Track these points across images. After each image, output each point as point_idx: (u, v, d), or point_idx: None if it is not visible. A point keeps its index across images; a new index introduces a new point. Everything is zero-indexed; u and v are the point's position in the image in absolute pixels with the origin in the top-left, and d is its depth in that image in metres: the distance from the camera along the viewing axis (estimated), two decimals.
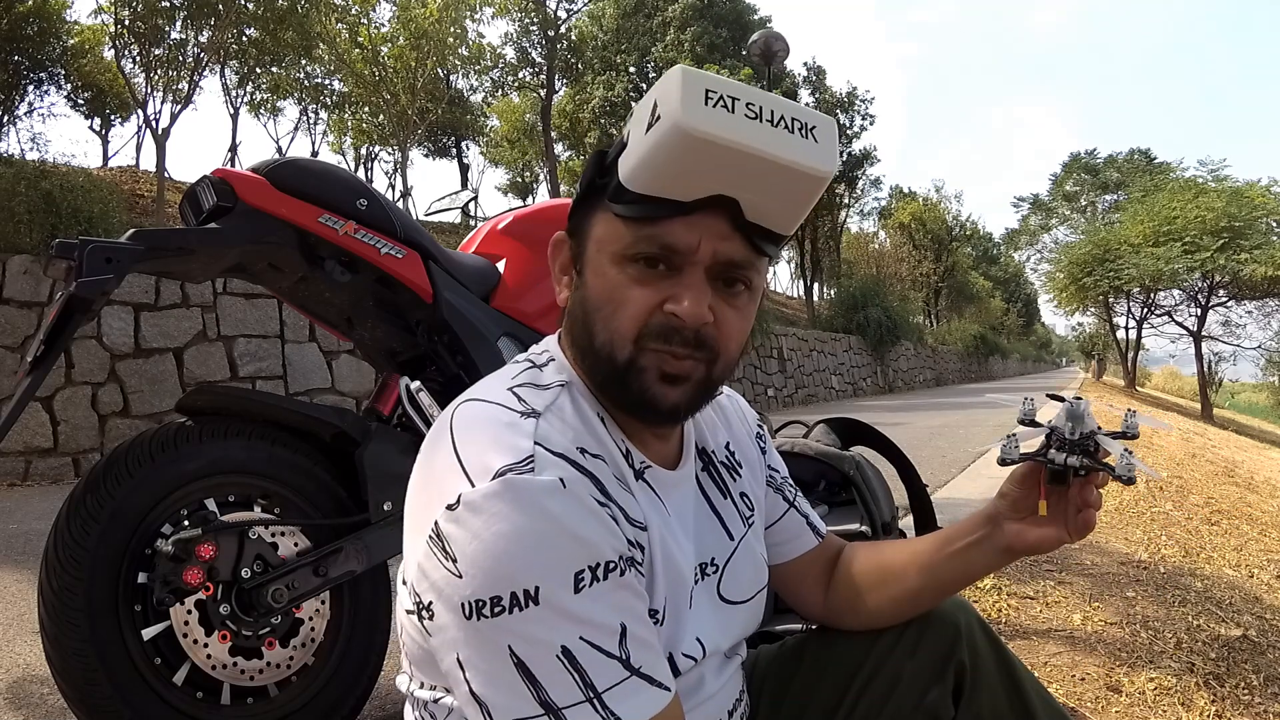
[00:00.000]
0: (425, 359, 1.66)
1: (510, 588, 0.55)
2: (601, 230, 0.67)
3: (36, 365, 1.24)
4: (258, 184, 1.41)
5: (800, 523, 0.88)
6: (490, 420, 0.63)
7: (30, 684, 1.85)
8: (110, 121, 15.32)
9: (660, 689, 0.58)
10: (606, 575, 0.57)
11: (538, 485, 0.57)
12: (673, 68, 0.63)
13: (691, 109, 0.59)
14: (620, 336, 0.65)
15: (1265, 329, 17.66)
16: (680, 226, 0.63)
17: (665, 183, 0.62)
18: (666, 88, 0.61)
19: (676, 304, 0.64)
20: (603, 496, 0.61)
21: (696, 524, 0.75)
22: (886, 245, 33.39)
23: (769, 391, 13.19)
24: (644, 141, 0.62)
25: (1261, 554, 3.08)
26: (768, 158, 0.62)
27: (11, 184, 5.65)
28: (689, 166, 0.61)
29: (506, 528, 0.56)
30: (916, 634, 0.80)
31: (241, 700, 1.34)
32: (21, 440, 5.06)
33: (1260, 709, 1.67)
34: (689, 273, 0.65)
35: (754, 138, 0.61)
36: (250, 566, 1.33)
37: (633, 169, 0.63)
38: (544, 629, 0.55)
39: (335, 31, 12.89)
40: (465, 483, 0.58)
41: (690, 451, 0.77)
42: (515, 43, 20.90)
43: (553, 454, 0.60)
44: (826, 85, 23.23)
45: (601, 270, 0.67)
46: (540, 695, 0.55)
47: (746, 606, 0.78)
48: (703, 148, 0.60)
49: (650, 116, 0.61)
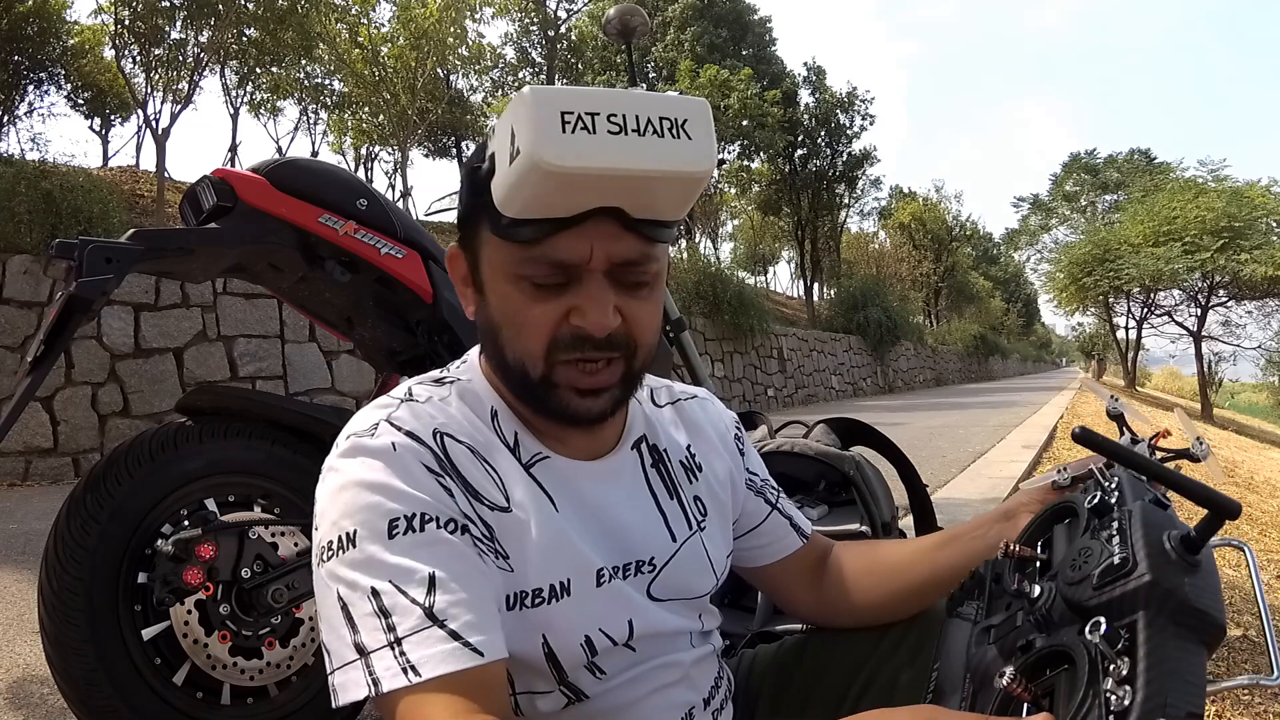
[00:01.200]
0: (425, 359, 1.66)
1: (338, 532, 0.60)
2: (490, 250, 0.66)
3: (36, 365, 1.24)
4: (258, 184, 1.41)
5: (784, 525, 0.87)
6: (370, 405, 0.70)
7: (30, 684, 1.85)
8: (110, 121, 15.31)
9: (469, 650, 0.56)
10: (423, 527, 0.60)
11: (371, 445, 0.63)
12: (521, 90, 0.59)
13: (547, 142, 0.56)
14: (530, 355, 0.66)
15: (1265, 329, 17.70)
16: (568, 240, 0.61)
17: (541, 206, 0.60)
18: (519, 115, 0.58)
19: (581, 317, 0.63)
20: (438, 469, 0.64)
21: (631, 518, 0.72)
22: (886, 245, 33.40)
23: (769, 391, 13.19)
24: (508, 174, 0.59)
25: (1261, 554, 3.07)
26: (640, 174, 0.59)
27: (11, 184, 5.65)
28: (559, 194, 0.59)
29: (340, 479, 0.62)
30: (918, 637, 0.79)
31: (241, 700, 1.34)
32: (21, 440, 5.06)
33: (1260, 709, 1.67)
34: (587, 281, 0.63)
35: (621, 157, 0.58)
36: (250, 566, 1.33)
37: (503, 199, 0.61)
38: (359, 571, 0.58)
39: (335, 31, 12.88)
40: (333, 450, 0.66)
41: (626, 443, 0.76)
42: (515, 43, 20.93)
43: (397, 429, 0.65)
44: (826, 85, 23.22)
45: (498, 289, 0.66)
46: (354, 638, 0.57)
47: (685, 603, 0.76)
48: (569, 178, 0.57)
49: (510, 147, 0.58)
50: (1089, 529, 0.55)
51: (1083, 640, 0.46)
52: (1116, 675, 0.42)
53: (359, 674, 0.57)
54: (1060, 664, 0.48)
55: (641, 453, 0.77)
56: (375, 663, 0.56)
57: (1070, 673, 0.46)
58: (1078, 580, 0.50)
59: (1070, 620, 0.49)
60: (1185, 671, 0.42)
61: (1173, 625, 0.44)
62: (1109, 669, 0.43)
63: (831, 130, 22.98)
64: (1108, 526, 0.52)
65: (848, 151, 23.54)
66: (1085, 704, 0.42)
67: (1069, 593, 0.50)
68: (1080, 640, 0.46)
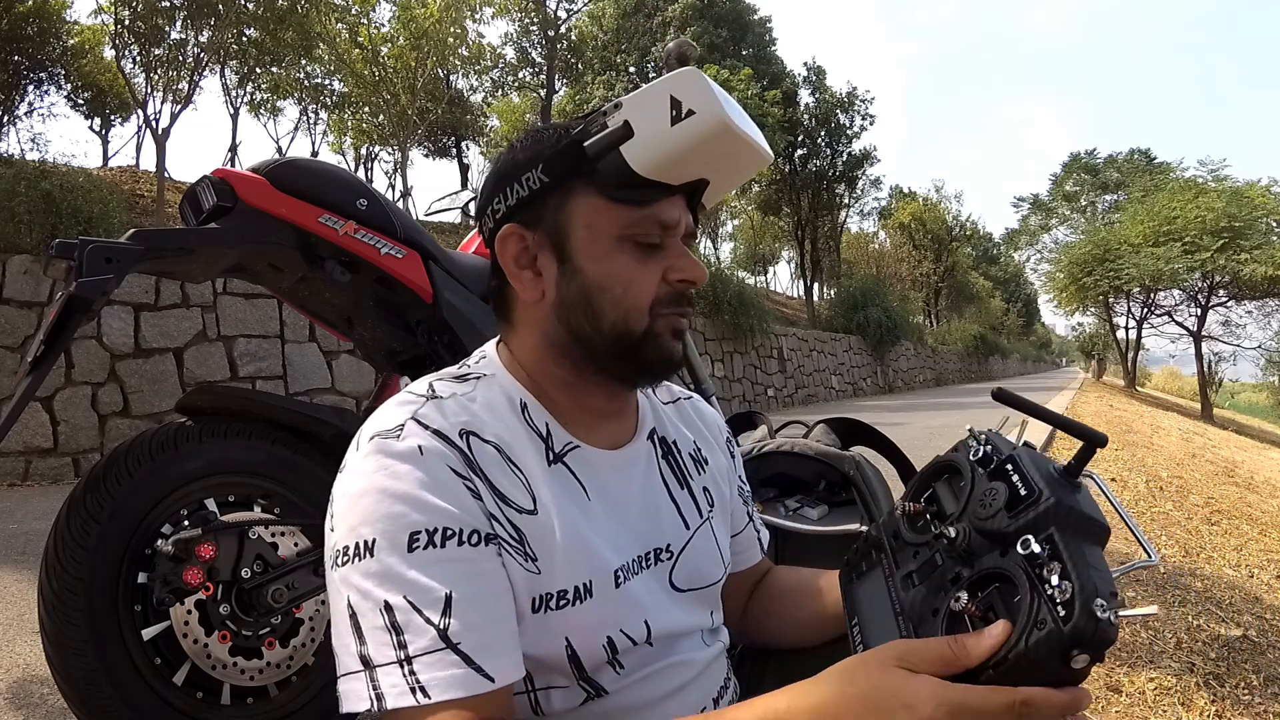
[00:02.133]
0: (425, 359, 1.66)
1: (355, 538, 0.59)
2: (590, 215, 0.70)
3: (36, 365, 1.24)
4: (258, 184, 1.41)
5: (752, 538, 0.91)
6: (392, 402, 0.68)
7: (30, 684, 1.85)
8: (110, 121, 15.31)
9: (480, 675, 0.57)
10: (444, 543, 0.59)
11: (396, 448, 0.62)
12: (681, 69, 0.71)
13: (727, 108, 0.70)
14: (636, 310, 0.70)
15: (1265, 329, 17.69)
16: (669, 205, 0.71)
17: (674, 169, 0.69)
18: (689, 86, 0.70)
19: (686, 272, 0.71)
20: (466, 470, 0.63)
21: (646, 508, 0.75)
22: (886, 245, 33.38)
23: (769, 391, 13.18)
24: (670, 133, 0.68)
25: (1261, 554, 3.08)
26: (754, 145, 0.74)
27: (11, 184, 5.65)
28: (702, 153, 0.70)
29: (364, 483, 0.61)
30: None
31: (241, 700, 1.34)
32: (21, 440, 5.05)
33: (1260, 709, 1.67)
34: (674, 244, 0.72)
35: (749, 128, 0.74)
36: (250, 566, 1.33)
37: (656, 159, 0.68)
38: (374, 581, 0.58)
39: (335, 31, 12.88)
40: (352, 449, 0.65)
41: (642, 434, 0.78)
42: (515, 43, 20.92)
43: (424, 428, 0.64)
44: (826, 85, 23.20)
45: (599, 254, 0.70)
46: (360, 649, 0.57)
47: (702, 594, 0.78)
48: (727, 139, 0.70)
49: (673, 111, 0.68)
50: (975, 477, 0.64)
51: (1013, 558, 0.56)
52: (1050, 576, 0.52)
53: (361, 686, 0.57)
54: (990, 584, 0.57)
55: (654, 444, 0.79)
56: (381, 678, 0.56)
57: (1003, 589, 0.56)
58: (991, 515, 0.59)
59: (988, 549, 0.59)
60: (1098, 564, 0.54)
61: (1078, 533, 0.56)
62: (1044, 574, 0.53)
63: (831, 130, 22.97)
64: (1001, 471, 0.62)
65: (848, 151, 23.52)
66: (1035, 604, 0.52)
67: (987, 525, 0.59)
68: (1011, 560, 0.56)
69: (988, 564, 0.58)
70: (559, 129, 0.72)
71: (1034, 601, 0.52)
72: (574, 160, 0.69)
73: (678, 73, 0.70)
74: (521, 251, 0.72)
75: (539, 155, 0.71)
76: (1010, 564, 0.56)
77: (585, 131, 0.70)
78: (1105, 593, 0.51)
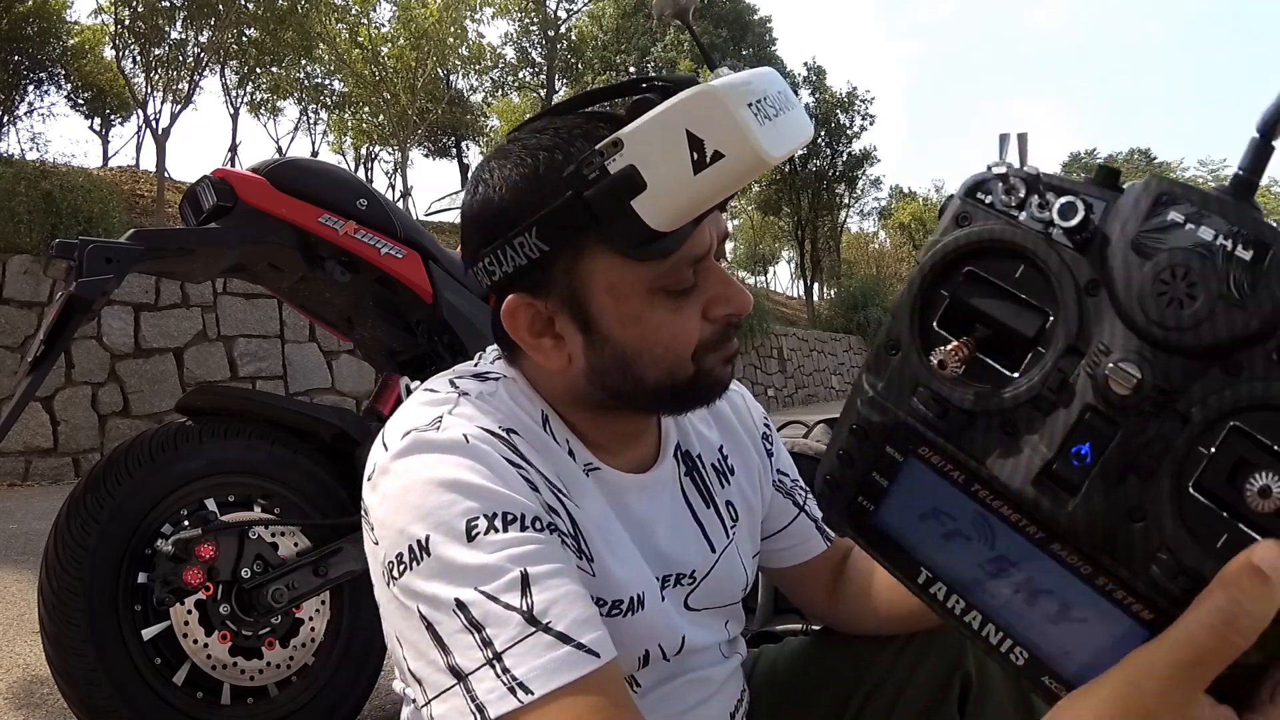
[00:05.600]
0: (425, 359, 1.66)
1: (407, 541, 0.52)
2: (610, 277, 0.59)
3: (36, 365, 1.24)
4: (258, 184, 1.41)
5: (809, 527, 0.84)
6: (416, 401, 0.62)
7: (30, 684, 1.85)
8: (110, 121, 15.32)
9: (584, 652, 0.49)
10: (506, 528, 0.52)
11: (438, 440, 0.56)
12: (699, 90, 0.53)
13: (763, 139, 0.53)
14: (680, 361, 0.62)
15: None
16: (699, 235, 0.59)
17: (701, 208, 0.55)
18: (708, 116, 0.52)
19: (728, 305, 0.62)
20: (517, 458, 0.58)
21: (674, 533, 0.70)
22: (886, 245, 33.41)
23: (769, 391, 13.20)
24: (695, 182, 0.53)
25: None
26: (803, 145, 0.60)
27: (11, 184, 5.65)
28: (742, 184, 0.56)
29: (405, 480, 0.55)
30: (922, 644, 0.79)
31: (241, 700, 1.34)
32: (21, 440, 5.05)
33: None
34: (708, 270, 0.61)
35: (797, 135, 0.57)
36: (250, 566, 1.33)
37: (681, 211, 0.54)
38: (439, 582, 0.51)
39: (335, 31, 12.89)
40: (381, 452, 0.58)
41: (668, 453, 0.73)
42: (515, 43, 20.94)
43: (465, 420, 0.58)
44: (826, 85, 23.23)
45: (631, 317, 0.60)
46: (448, 660, 0.49)
47: (719, 610, 0.75)
48: (770, 164, 0.54)
49: (694, 154, 0.52)
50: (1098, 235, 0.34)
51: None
52: None
53: (460, 701, 0.48)
54: None
55: (678, 460, 0.74)
56: (475, 685, 0.48)
57: None
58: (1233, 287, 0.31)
59: (1202, 371, 0.31)
60: None
61: None
62: None
63: (831, 130, 23.00)
64: None
65: (848, 151, 23.56)
66: None
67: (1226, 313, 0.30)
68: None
69: (1261, 393, 0.30)
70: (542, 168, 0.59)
71: None
72: (576, 218, 0.56)
73: (689, 96, 0.53)
74: (534, 319, 0.62)
75: (527, 211, 0.58)
76: None
77: (580, 177, 0.55)
78: None
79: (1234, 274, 0.30)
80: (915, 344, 0.36)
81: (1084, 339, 0.33)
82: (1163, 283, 0.31)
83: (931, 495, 0.36)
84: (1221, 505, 0.30)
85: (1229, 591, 0.28)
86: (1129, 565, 0.32)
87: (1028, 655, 0.35)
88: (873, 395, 0.37)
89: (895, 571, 0.38)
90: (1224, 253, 0.31)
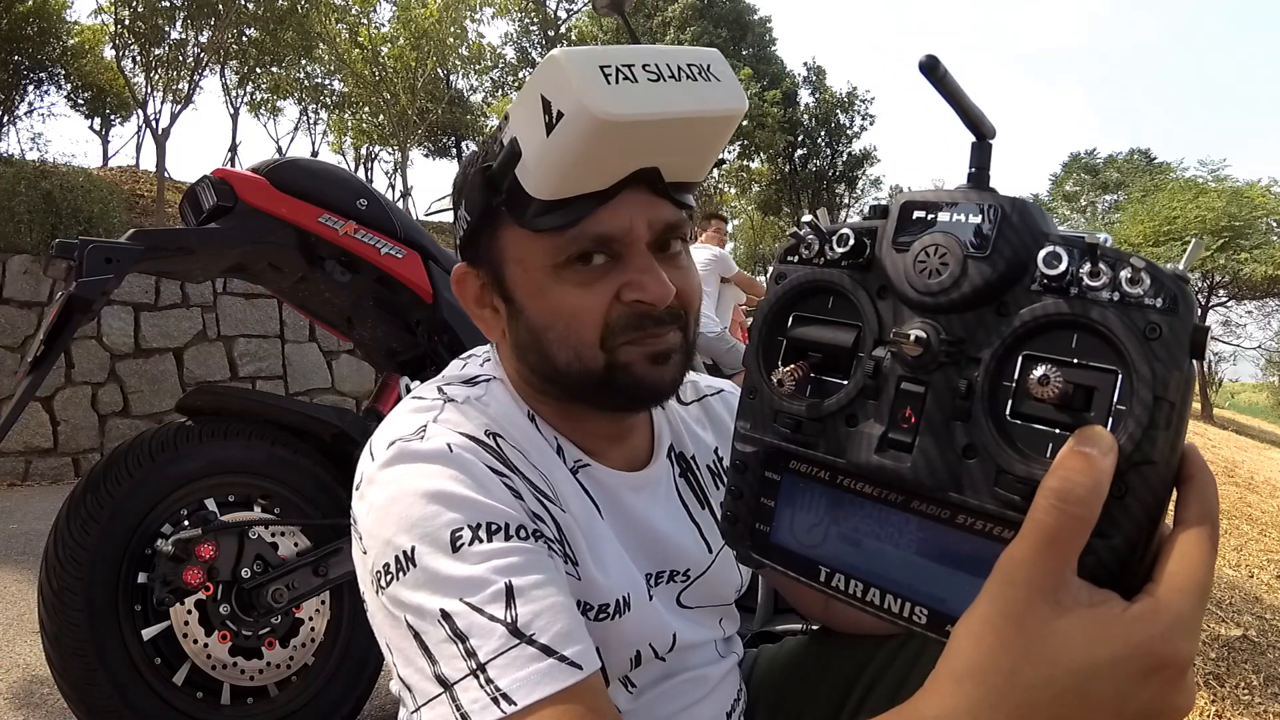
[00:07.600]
0: (425, 359, 1.66)
1: (393, 552, 0.54)
2: (519, 249, 0.62)
3: (36, 365, 1.24)
4: (258, 184, 1.41)
5: None
6: (403, 409, 0.64)
7: (30, 684, 1.85)
8: (110, 121, 15.29)
9: (566, 664, 0.49)
10: (490, 538, 0.53)
11: (423, 450, 0.57)
12: (549, 55, 0.56)
13: (599, 96, 0.54)
14: (585, 346, 0.62)
15: (1265, 329, 17.65)
16: (606, 214, 0.59)
17: (582, 179, 0.57)
18: (555, 79, 0.55)
19: (640, 291, 0.61)
20: (503, 468, 0.59)
21: (669, 532, 0.71)
22: None
23: None
24: (548, 146, 0.55)
25: (1261, 554, 3.08)
26: (688, 117, 0.58)
27: (11, 184, 5.65)
28: (608, 153, 0.57)
29: (390, 491, 0.56)
30: (920, 642, 0.78)
31: (241, 700, 1.34)
32: (21, 440, 5.05)
33: (1260, 709, 1.67)
34: (633, 255, 0.61)
35: (669, 102, 0.57)
36: (250, 566, 1.33)
37: (542, 179, 0.57)
38: (425, 593, 0.52)
39: (335, 31, 12.89)
40: (368, 461, 0.60)
41: (661, 453, 0.74)
42: (515, 43, 20.93)
43: (449, 429, 0.59)
44: (826, 85, 23.22)
45: (535, 289, 0.62)
46: (435, 669, 0.50)
47: (713, 609, 0.75)
48: (623, 130, 0.55)
49: (546, 117, 0.55)
50: (882, 248, 0.41)
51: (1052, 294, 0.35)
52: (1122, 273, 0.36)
53: (446, 709, 0.49)
54: (1014, 365, 0.36)
55: (672, 461, 0.75)
56: (460, 695, 0.49)
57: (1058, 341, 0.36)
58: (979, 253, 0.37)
59: (978, 322, 0.37)
60: None
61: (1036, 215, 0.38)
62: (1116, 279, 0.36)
63: (831, 130, 22.98)
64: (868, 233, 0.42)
65: (848, 151, 23.54)
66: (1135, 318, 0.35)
67: (976, 280, 0.37)
68: (1039, 300, 0.36)
69: (1028, 318, 0.35)
70: (473, 153, 0.65)
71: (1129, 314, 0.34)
72: (485, 191, 0.61)
73: (541, 62, 0.56)
74: (476, 289, 0.67)
75: (462, 185, 0.65)
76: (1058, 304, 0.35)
77: (489, 153, 0.60)
78: None
79: (972, 238, 0.37)
80: (765, 384, 0.44)
81: (885, 332, 0.40)
82: (920, 261, 0.39)
83: (809, 500, 0.43)
84: (1043, 421, 0.35)
85: (1056, 473, 0.32)
86: (976, 494, 0.36)
87: (927, 611, 0.39)
88: (744, 433, 0.45)
89: (801, 578, 0.43)
90: (961, 224, 0.38)
